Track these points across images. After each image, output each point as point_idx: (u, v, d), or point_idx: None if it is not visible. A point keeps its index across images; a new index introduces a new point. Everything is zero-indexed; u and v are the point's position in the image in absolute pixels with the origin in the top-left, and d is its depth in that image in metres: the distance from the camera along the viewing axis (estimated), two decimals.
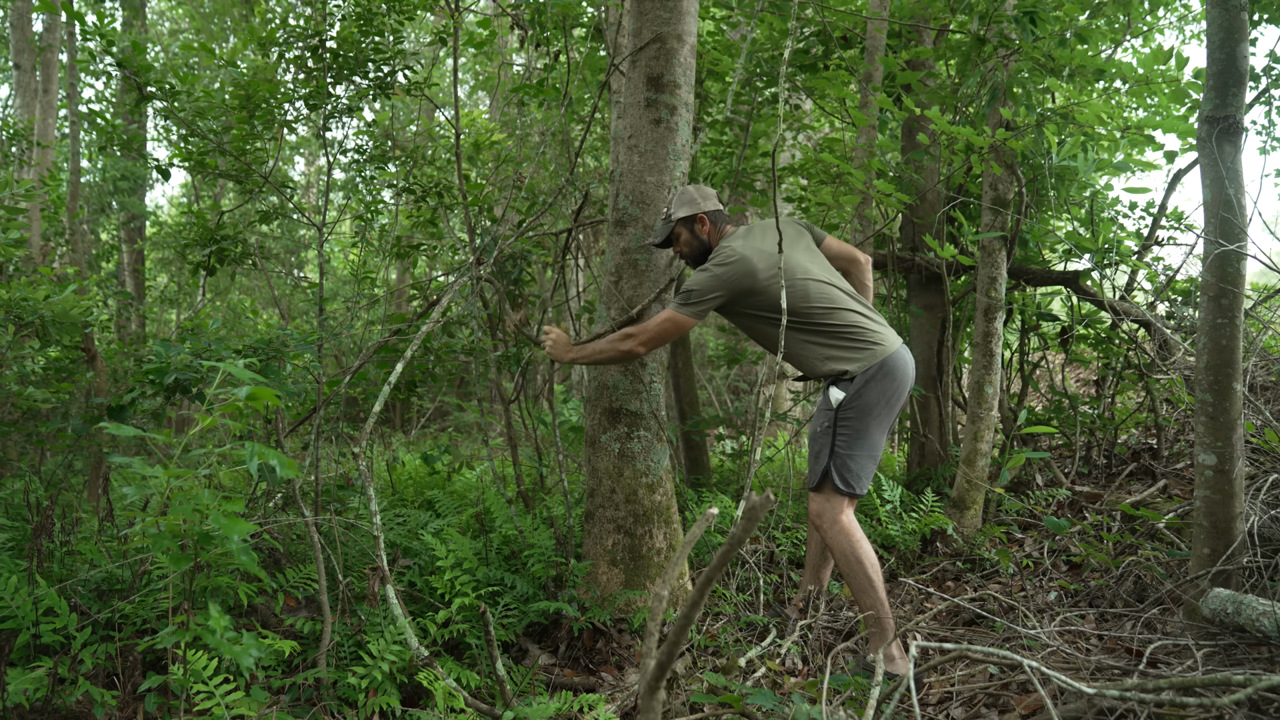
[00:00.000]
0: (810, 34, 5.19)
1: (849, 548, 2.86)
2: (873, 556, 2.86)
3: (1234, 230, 2.54)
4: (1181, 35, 10.30)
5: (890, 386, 2.91)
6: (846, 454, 2.90)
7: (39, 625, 2.40)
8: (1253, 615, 2.31)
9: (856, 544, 2.87)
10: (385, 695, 2.52)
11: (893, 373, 2.91)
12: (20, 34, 8.73)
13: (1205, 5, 2.68)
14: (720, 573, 1.81)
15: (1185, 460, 4.67)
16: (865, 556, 2.84)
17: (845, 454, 2.90)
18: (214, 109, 4.40)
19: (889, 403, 2.93)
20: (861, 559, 2.83)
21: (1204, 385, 2.58)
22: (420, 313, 4.28)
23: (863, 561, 2.83)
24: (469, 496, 4.49)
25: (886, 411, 2.93)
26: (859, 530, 2.91)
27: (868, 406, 2.89)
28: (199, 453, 2.08)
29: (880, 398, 2.90)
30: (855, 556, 2.84)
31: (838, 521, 2.89)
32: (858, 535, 2.89)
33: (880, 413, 2.92)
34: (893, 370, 2.91)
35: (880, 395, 2.90)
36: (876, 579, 2.83)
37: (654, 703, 1.97)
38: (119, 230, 11.62)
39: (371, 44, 4.38)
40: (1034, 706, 2.29)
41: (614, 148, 3.68)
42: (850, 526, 2.90)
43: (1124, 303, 4.81)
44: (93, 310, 3.86)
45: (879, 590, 2.82)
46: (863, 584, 2.82)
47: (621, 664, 3.14)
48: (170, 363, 2.66)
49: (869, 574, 2.82)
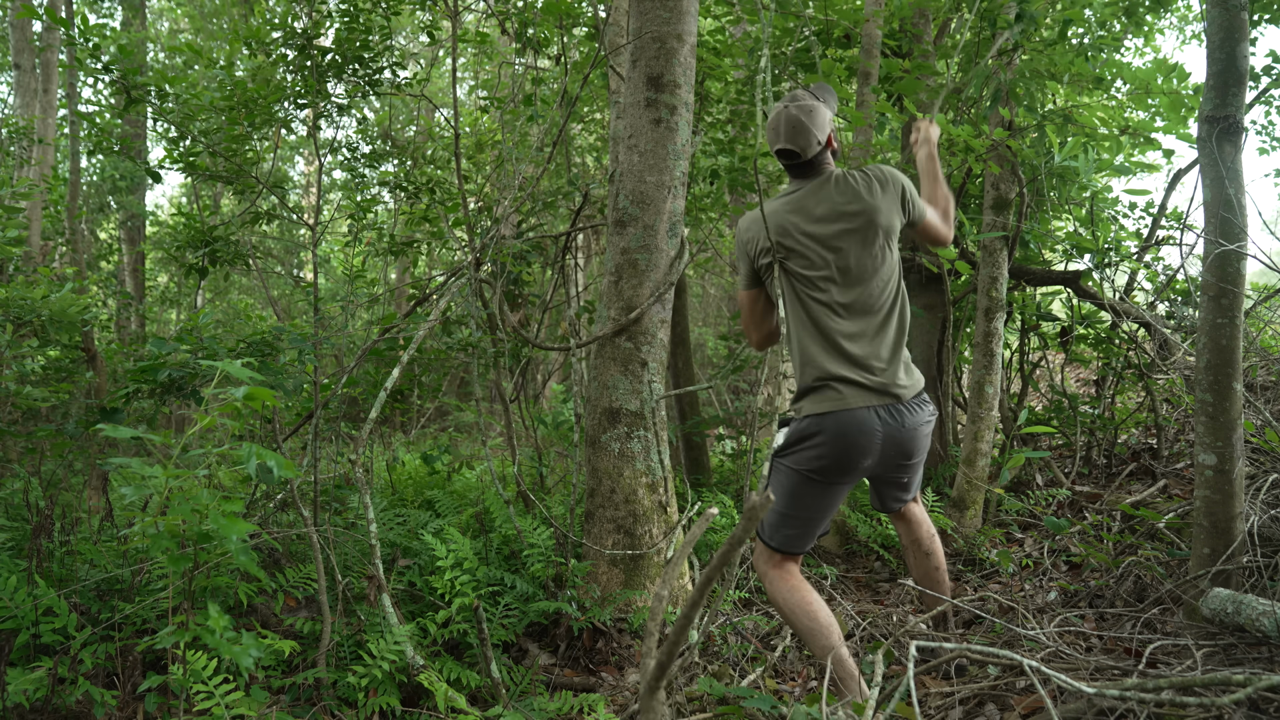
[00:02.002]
0: (810, 33, 5.18)
1: (777, 600, 2.56)
2: (803, 604, 2.50)
3: (1234, 230, 2.53)
4: (1181, 35, 10.30)
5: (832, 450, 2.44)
6: (774, 498, 2.47)
7: (39, 625, 2.40)
8: (1253, 615, 2.31)
9: (779, 597, 2.55)
10: (385, 695, 2.52)
11: (839, 436, 2.43)
12: (20, 34, 8.73)
13: (1205, 5, 2.68)
14: (720, 572, 1.81)
15: (1185, 460, 4.67)
16: (793, 608, 2.51)
17: (774, 498, 2.47)
18: (204, 110, 4.39)
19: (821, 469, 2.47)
20: (791, 611, 2.52)
21: (1204, 385, 2.58)
22: (407, 312, 4.28)
23: (794, 613, 2.51)
24: (469, 496, 4.49)
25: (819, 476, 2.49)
26: (782, 581, 2.56)
27: (792, 466, 2.51)
28: (197, 453, 2.08)
29: (815, 460, 2.46)
30: (785, 609, 2.53)
31: (764, 573, 2.61)
32: (779, 587, 2.56)
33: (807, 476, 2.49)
34: (839, 433, 2.43)
35: (815, 458, 2.46)
36: (816, 625, 2.46)
37: (654, 703, 1.97)
38: (118, 230, 11.62)
39: (361, 42, 4.37)
40: (1034, 706, 2.29)
41: (614, 148, 3.68)
42: (773, 577, 2.58)
43: (1124, 303, 4.81)
44: (91, 309, 3.86)
45: (824, 638, 2.44)
46: (803, 633, 2.50)
47: (621, 664, 3.13)
48: (164, 361, 2.65)
49: (803, 623, 2.48)
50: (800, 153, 2.56)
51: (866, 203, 2.53)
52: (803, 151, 2.56)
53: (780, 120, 2.57)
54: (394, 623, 2.70)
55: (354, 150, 5.51)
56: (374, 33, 4.46)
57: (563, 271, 4.72)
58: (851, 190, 2.55)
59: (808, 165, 2.61)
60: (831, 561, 4.23)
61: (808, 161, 2.60)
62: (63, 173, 8.72)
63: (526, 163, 5.11)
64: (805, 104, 2.57)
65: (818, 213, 2.56)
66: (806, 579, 3.32)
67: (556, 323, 7.94)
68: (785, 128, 2.55)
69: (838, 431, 2.44)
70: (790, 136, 2.55)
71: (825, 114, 2.60)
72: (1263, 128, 6.56)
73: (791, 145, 2.55)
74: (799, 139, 2.54)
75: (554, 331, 7.87)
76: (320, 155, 4.46)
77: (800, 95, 2.61)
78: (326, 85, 4.52)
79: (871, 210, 2.53)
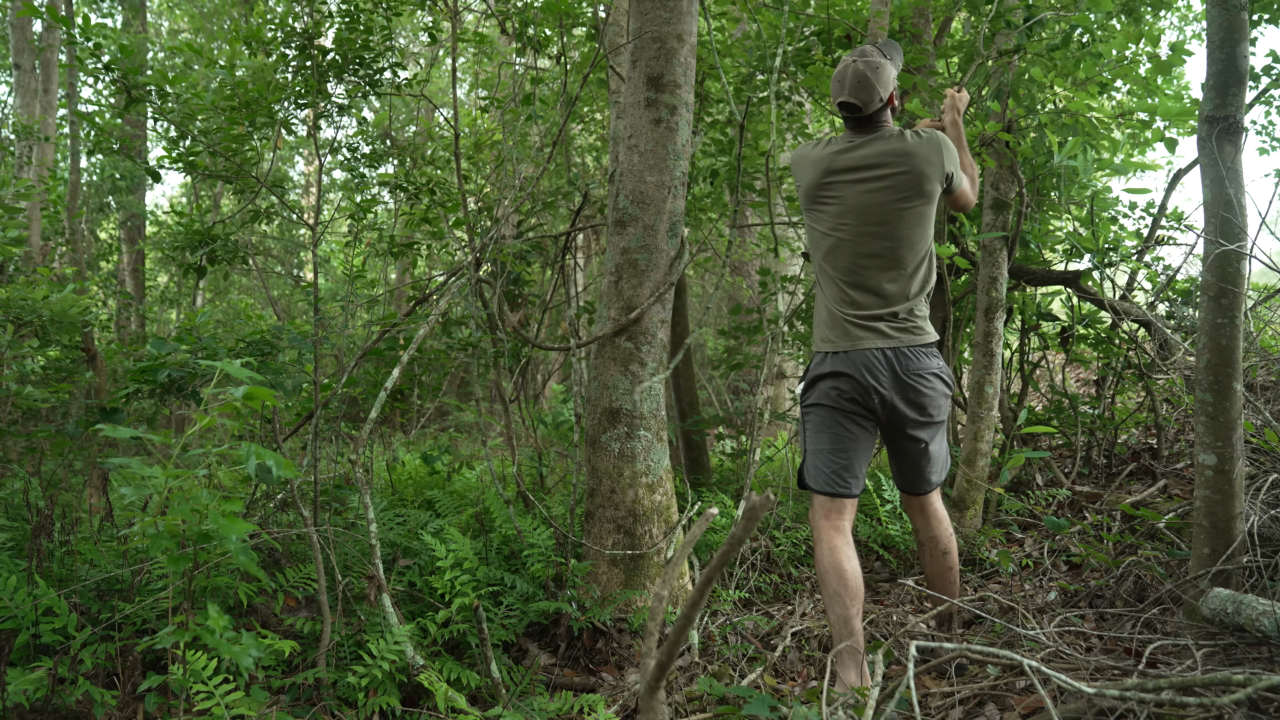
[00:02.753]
0: (811, 33, 5.18)
1: (818, 556, 2.62)
2: (838, 564, 2.55)
3: (1234, 230, 2.53)
4: (1181, 35, 10.30)
5: (841, 380, 2.61)
6: (807, 449, 2.71)
7: (39, 625, 2.40)
8: (1253, 615, 2.31)
9: (820, 549, 2.61)
10: (385, 695, 2.52)
11: (845, 368, 2.61)
12: (20, 34, 8.73)
13: (1205, 5, 2.68)
14: (720, 572, 1.81)
15: (1185, 460, 4.67)
16: (827, 567, 2.56)
17: (807, 449, 2.71)
18: (204, 110, 4.40)
19: (839, 399, 2.62)
20: (824, 571, 2.56)
21: (1204, 385, 2.58)
22: (407, 312, 4.28)
23: (826, 573, 2.56)
24: (469, 496, 4.49)
25: (839, 407, 2.63)
26: (826, 536, 2.62)
27: (814, 403, 2.68)
28: (197, 453, 2.08)
29: (830, 389, 2.63)
30: (820, 567, 2.59)
31: (816, 527, 2.67)
32: (823, 542, 2.62)
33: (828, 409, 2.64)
34: (845, 365, 2.61)
35: (831, 387, 2.63)
36: (843, 590, 2.51)
37: (654, 703, 1.97)
38: (118, 230, 11.62)
39: (361, 42, 4.38)
40: (1034, 706, 2.29)
41: (614, 148, 3.68)
42: (817, 528, 2.65)
43: (1124, 303, 4.81)
44: (91, 309, 3.86)
45: (844, 605, 2.50)
46: (827, 596, 2.56)
47: (621, 664, 3.13)
48: (164, 361, 2.65)
49: (830, 586, 2.54)
50: (862, 107, 2.61)
51: (915, 162, 2.59)
52: (865, 106, 2.61)
53: (846, 73, 2.62)
54: (394, 623, 2.70)
55: (354, 150, 5.51)
56: (374, 33, 4.46)
57: (563, 271, 4.72)
58: (906, 147, 2.61)
59: (867, 120, 2.66)
60: None
61: (868, 117, 2.65)
62: (62, 172, 8.72)
63: (526, 163, 5.11)
64: (872, 60, 2.62)
65: (865, 164, 2.63)
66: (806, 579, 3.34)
67: (556, 323, 7.94)
68: (851, 81, 2.60)
69: (844, 364, 2.61)
70: (854, 90, 2.59)
71: (890, 71, 2.65)
72: (1263, 128, 6.57)
73: (854, 99, 2.60)
74: (862, 93, 2.59)
75: (554, 331, 7.87)
76: (320, 155, 4.46)
77: (869, 50, 2.66)
78: (327, 85, 4.53)
79: (918, 171, 2.59)
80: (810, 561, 4.20)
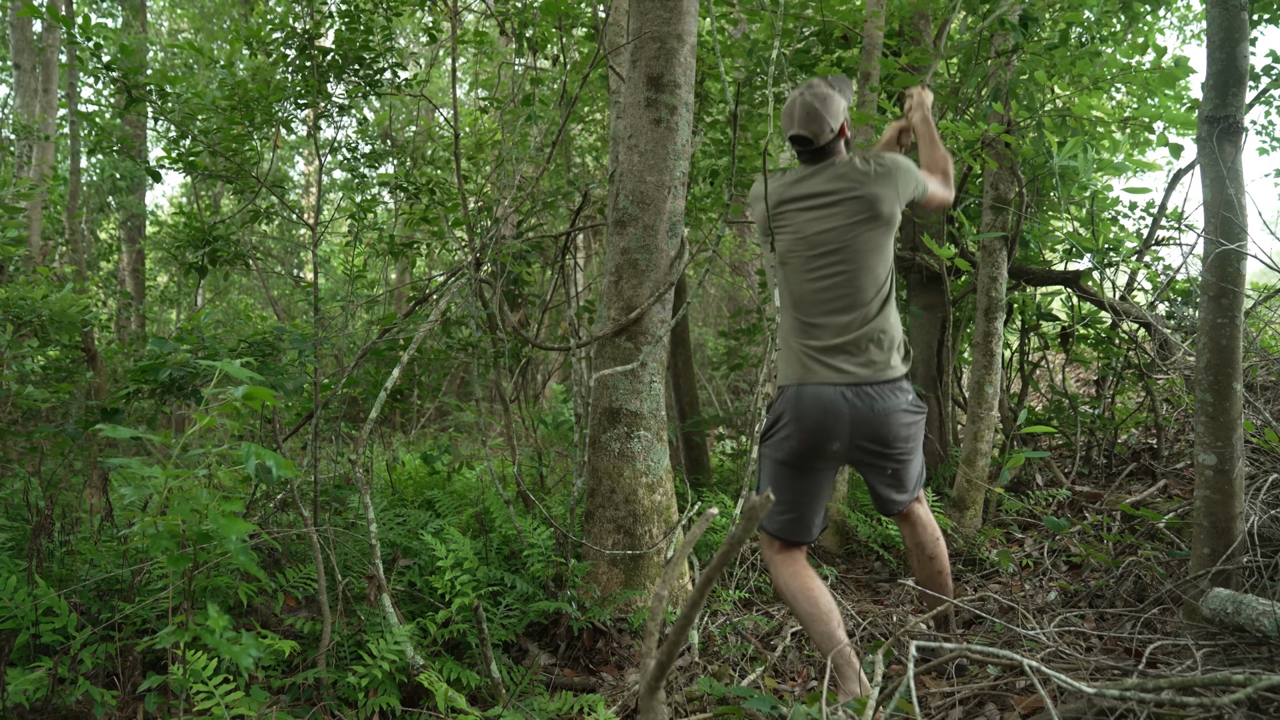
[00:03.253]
0: (810, 33, 5.18)
1: (778, 585, 2.63)
2: (804, 587, 2.56)
3: (1234, 230, 2.53)
4: (1181, 35, 10.30)
5: (798, 431, 2.53)
6: (759, 484, 2.69)
7: (39, 625, 2.40)
8: (1253, 615, 2.31)
9: (781, 582, 2.62)
10: (385, 695, 2.52)
11: (802, 415, 2.52)
12: (20, 34, 8.73)
13: (1205, 5, 2.68)
14: (720, 572, 1.81)
15: (1185, 460, 4.67)
16: (794, 591, 2.58)
17: (760, 484, 2.69)
18: (204, 110, 4.40)
19: (791, 450, 2.55)
20: (793, 595, 2.58)
21: (1204, 385, 2.58)
22: (406, 312, 4.28)
23: (795, 597, 2.57)
24: (469, 496, 4.49)
25: (791, 458, 2.56)
26: (783, 567, 2.63)
27: (769, 450, 2.60)
28: (197, 453, 2.08)
29: (784, 443, 2.56)
30: (787, 594, 2.60)
31: (769, 559, 2.68)
32: (781, 572, 2.63)
33: (782, 458, 2.57)
34: (802, 412, 2.52)
35: (784, 439, 2.56)
36: (816, 610, 2.51)
37: (654, 703, 1.97)
38: (118, 230, 11.62)
39: (361, 42, 4.38)
40: (1034, 706, 2.29)
41: (614, 148, 3.68)
42: (771, 561, 2.67)
43: (1124, 303, 4.81)
44: (91, 309, 3.86)
45: (821, 622, 2.50)
46: (803, 618, 2.56)
47: (621, 664, 3.13)
48: (164, 360, 2.65)
49: (803, 608, 2.54)
50: (813, 139, 2.63)
51: (866, 188, 2.58)
52: (815, 138, 2.62)
53: (795, 106, 2.64)
54: (394, 623, 2.70)
55: (354, 150, 5.51)
56: (375, 33, 4.46)
57: (563, 271, 4.72)
58: (856, 174, 2.60)
59: (820, 152, 2.67)
60: (831, 561, 4.23)
61: (820, 148, 2.66)
62: (62, 172, 8.72)
63: (526, 163, 5.11)
64: (820, 92, 2.64)
65: (815, 191, 2.63)
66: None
67: (556, 323, 7.93)
68: (800, 113, 2.62)
69: (801, 410, 2.52)
70: (804, 122, 2.61)
71: (839, 103, 2.66)
72: (1263, 128, 6.57)
73: (804, 131, 2.61)
74: (812, 125, 2.61)
75: (554, 331, 7.87)
76: (320, 155, 4.46)
77: (816, 84, 2.67)
78: (327, 85, 4.53)
79: (871, 196, 2.57)
80: (810, 561, 4.20)
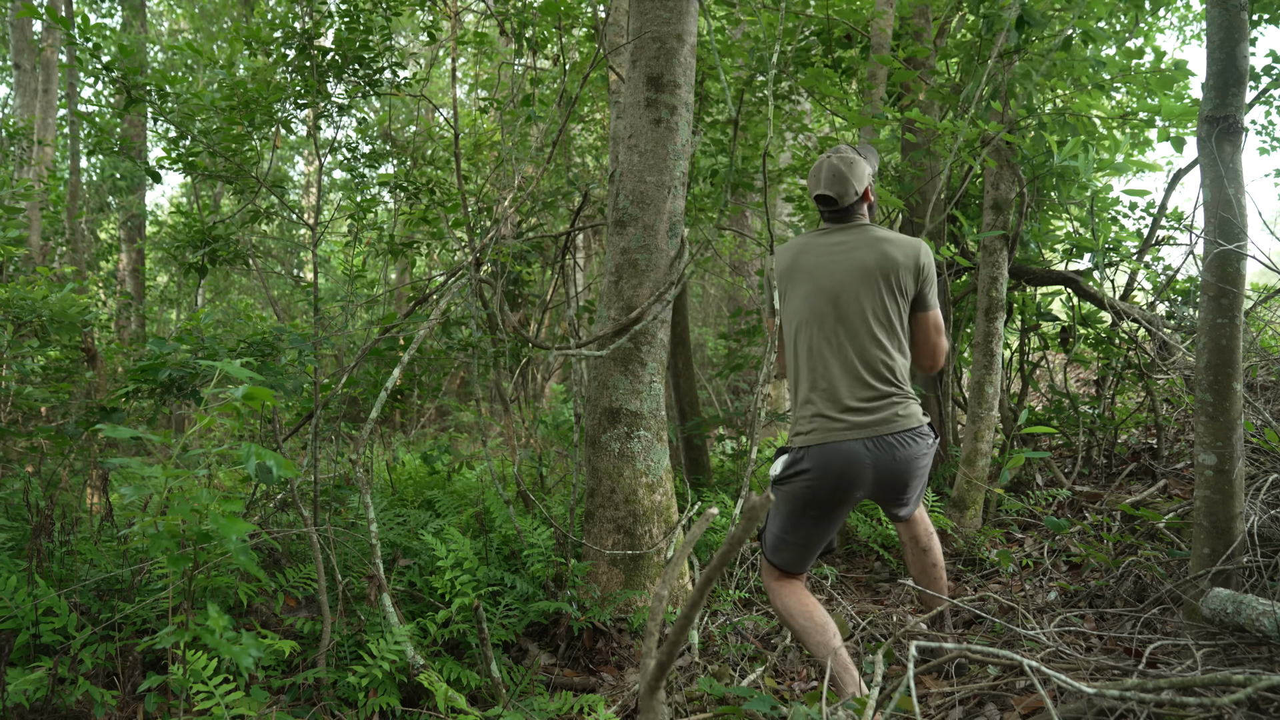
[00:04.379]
0: (811, 33, 5.18)
1: (776, 606, 2.70)
2: (801, 605, 2.62)
3: (1234, 230, 2.53)
4: (1181, 35, 10.31)
5: (822, 483, 2.57)
6: (771, 525, 2.73)
7: (39, 625, 2.40)
8: (1253, 615, 2.31)
9: (778, 603, 2.69)
10: (385, 695, 2.52)
11: (826, 470, 2.55)
12: (20, 34, 8.74)
13: (1205, 5, 2.68)
14: (720, 572, 1.81)
15: (1185, 460, 4.67)
16: (792, 609, 2.64)
17: (771, 525, 2.73)
18: (204, 110, 4.40)
19: (814, 499, 2.59)
20: (789, 614, 2.64)
21: (1204, 385, 2.58)
22: (406, 313, 4.28)
23: (792, 614, 2.63)
24: (469, 496, 4.49)
25: (813, 506, 2.61)
26: (782, 591, 2.69)
27: (788, 494, 2.64)
28: (197, 453, 2.08)
29: (807, 491, 2.59)
30: (783, 613, 2.66)
31: (768, 585, 2.75)
32: (779, 595, 2.69)
33: (802, 505, 2.62)
34: (826, 467, 2.55)
35: (807, 488, 2.59)
36: (811, 624, 2.56)
37: (654, 703, 1.97)
38: (118, 230, 11.62)
39: (361, 42, 4.38)
40: (1034, 706, 2.29)
41: (614, 148, 3.68)
42: (775, 589, 2.72)
43: (1124, 303, 4.82)
44: (91, 309, 3.86)
45: (821, 634, 2.54)
46: (799, 632, 2.61)
47: (621, 664, 3.13)
48: (164, 360, 2.65)
49: (799, 623, 2.60)
50: (838, 199, 2.72)
51: (886, 247, 2.65)
52: (840, 198, 2.73)
53: (822, 168, 2.75)
54: (394, 623, 2.70)
55: (354, 150, 5.51)
56: (374, 33, 4.46)
57: (563, 271, 4.72)
58: (878, 235, 2.69)
59: (844, 213, 2.77)
60: (831, 561, 4.23)
61: (844, 210, 2.76)
62: (62, 173, 8.72)
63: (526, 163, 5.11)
64: (847, 156, 2.76)
65: (836, 245, 2.71)
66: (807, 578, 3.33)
67: (556, 323, 7.93)
68: (826, 175, 2.73)
69: (825, 465, 2.56)
70: (830, 184, 2.72)
71: (865, 168, 2.77)
72: (1263, 128, 6.57)
73: (829, 191, 2.72)
74: (837, 186, 2.71)
75: (554, 331, 7.87)
76: (320, 155, 4.46)
77: (844, 149, 2.81)
78: (326, 85, 4.53)
79: (890, 256, 2.64)
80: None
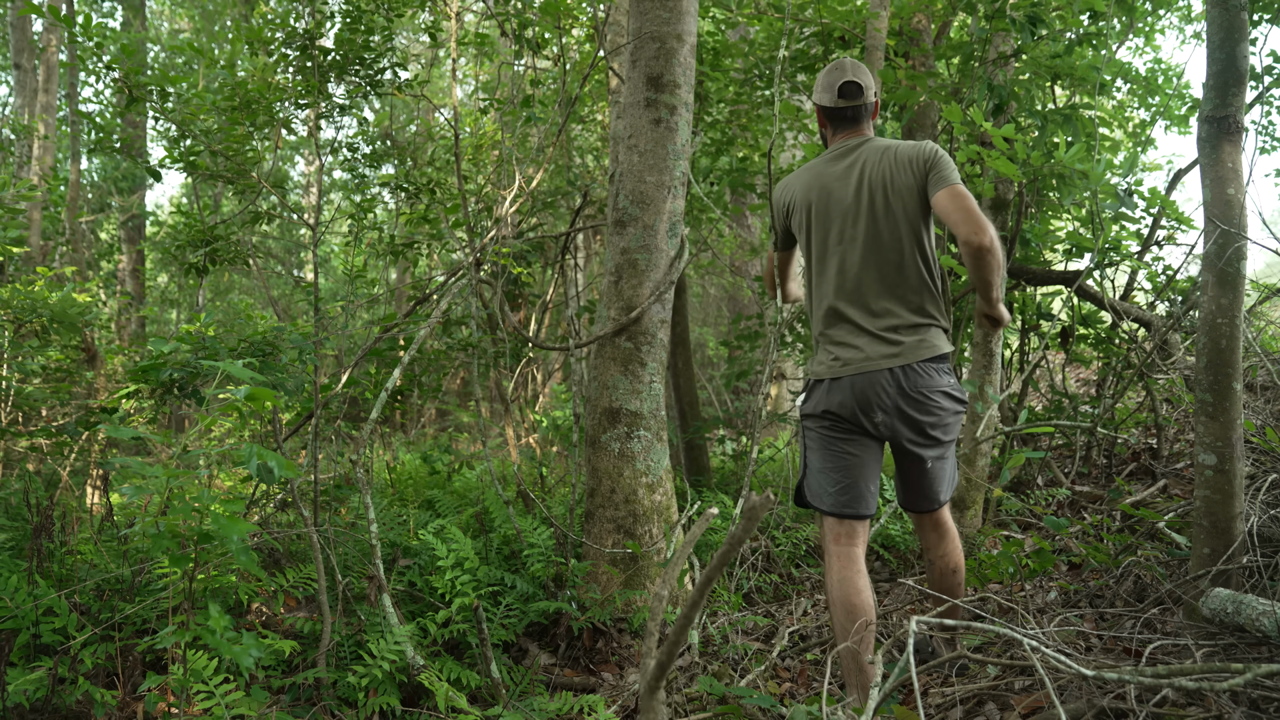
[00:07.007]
0: (810, 34, 5.18)
1: (828, 583, 2.52)
2: (847, 599, 2.44)
3: (1233, 230, 2.53)
4: (1181, 35, 10.31)
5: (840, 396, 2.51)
6: (807, 465, 2.63)
7: (39, 625, 2.40)
8: (1253, 615, 2.31)
9: (829, 578, 2.50)
10: (385, 695, 2.52)
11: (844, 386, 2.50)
12: (20, 34, 8.74)
13: (1205, 5, 2.69)
14: (720, 572, 1.82)
15: (1185, 460, 4.67)
16: (836, 599, 2.47)
17: (807, 464, 2.63)
18: (205, 110, 4.40)
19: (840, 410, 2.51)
20: (833, 601, 2.48)
21: (1204, 385, 2.58)
22: (407, 313, 4.28)
23: (835, 604, 2.47)
24: (469, 496, 4.49)
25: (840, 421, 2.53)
26: (837, 566, 2.49)
27: (815, 422, 2.57)
28: (198, 453, 2.09)
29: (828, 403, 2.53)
30: (830, 595, 2.50)
31: (827, 550, 2.56)
32: (832, 571, 2.50)
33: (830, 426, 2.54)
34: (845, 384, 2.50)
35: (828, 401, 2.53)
36: (849, 625, 2.41)
37: (654, 703, 1.97)
38: (118, 230, 11.62)
39: (362, 42, 4.38)
40: (1034, 706, 2.29)
41: (613, 147, 3.68)
42: (827, 553, 2.54)
43: (1124, 303, 4.81)
44: (92, 309, 3.86)
45: (847, 624, 2.41)
46: (835, 627, 2.47)
47: (621, 664, 3.13)
48: (165, 360, 2.66)
49: (838, 619, 2.45)
50: (862, 90, 2.63)
51: (895, 172, 2.56)
52: (865, 90, 2.63)
53: (841, 67, 2.67)
54: (394, 623, 2.70)
55: (354, 150, 5.51)
56: (375, 33, 4.46)
57: (563, 271, 4.72)
58: (887, 159, 2.59)
59: (855, 118, 2.68)
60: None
61: (855, 112, 2.67)
62: (63, 173, 8.72)
63: (526, 163, 5.11)
64: (854, 63, 2.69)
65: (846, 175, 2.62)
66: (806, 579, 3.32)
67: (556, 323, 7.93)
68: (851, 69, 2.65)
69: (842, 389, 2.52)
70: (854, 72, 2.63)
71: (872, 82, 2.70)
72: (1263, 128, 6.57)
73: (855, 78, 2.62)
74: (863, 76, 2.64)
75: (554, 331, 7.87)
76: (321, 155, 4.46)
77: (846, 61, 2.73)
78: (327, 85, 4.53)
79: (902, 182, 2.55)
80: (811, 561, 4.20)
